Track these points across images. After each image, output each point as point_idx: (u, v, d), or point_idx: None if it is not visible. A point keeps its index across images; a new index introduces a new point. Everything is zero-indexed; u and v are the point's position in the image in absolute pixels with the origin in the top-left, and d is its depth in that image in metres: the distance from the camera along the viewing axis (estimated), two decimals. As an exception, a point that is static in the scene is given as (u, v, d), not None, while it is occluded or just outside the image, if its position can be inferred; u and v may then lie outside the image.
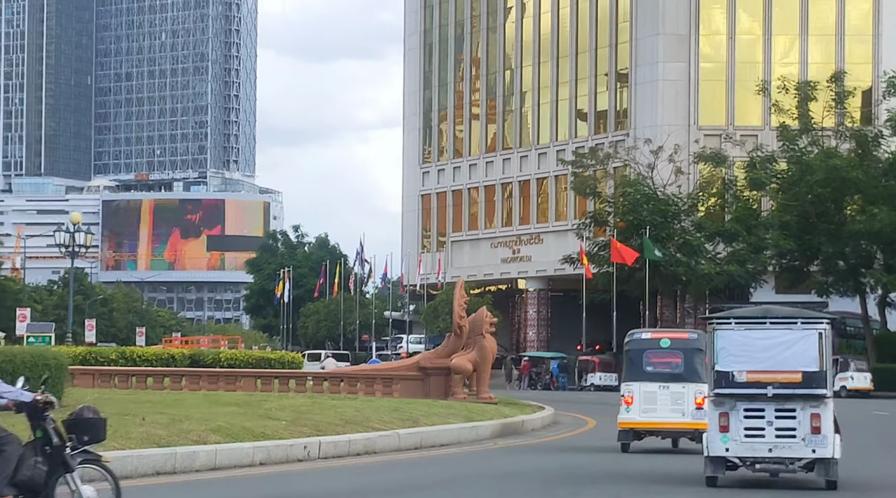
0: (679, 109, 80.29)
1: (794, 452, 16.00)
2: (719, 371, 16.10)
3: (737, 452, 16.10)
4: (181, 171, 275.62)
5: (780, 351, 16.05)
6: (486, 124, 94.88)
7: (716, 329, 16.37)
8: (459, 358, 30.85)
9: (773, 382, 15.90)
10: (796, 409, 15.98)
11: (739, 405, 16.05)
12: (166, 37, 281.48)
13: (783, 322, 16.29)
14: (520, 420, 27.23)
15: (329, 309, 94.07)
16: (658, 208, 71.19)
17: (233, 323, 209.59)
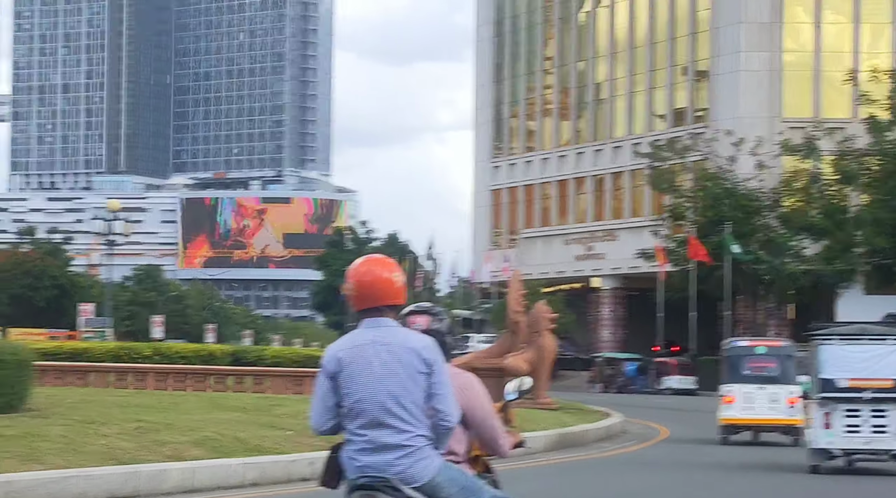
0: (761, 101, 76.43)
1: (885, 444, 19.35)
2: (824, 379, 19.45)
3: (838, 445, 19.50)
4: (258, 169, 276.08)
5: (874, 362, 19.36)
6: (558, 117, 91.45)
7: (820, 344, 19.73)
8: (514, 358, 27.70)
9: (870, 388, 19.25)
10: (888, 409, 19.28)
11: (841, 406, 19.41)
12: (244, 36, 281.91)
13: (877, 338, 19.82)
14: (581, 430, 24.02)
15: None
16: (739, 203, 67.44)
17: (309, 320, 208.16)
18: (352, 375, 6.06)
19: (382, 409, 6.02)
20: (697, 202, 69.94)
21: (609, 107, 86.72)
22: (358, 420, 6.04)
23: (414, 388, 6.06)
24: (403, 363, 6.04)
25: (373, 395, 6.04)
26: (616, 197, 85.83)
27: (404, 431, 6.03)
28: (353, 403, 6.06)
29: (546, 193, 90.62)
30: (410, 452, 6.03)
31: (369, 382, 6.03)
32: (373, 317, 6.10)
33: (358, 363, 6.06)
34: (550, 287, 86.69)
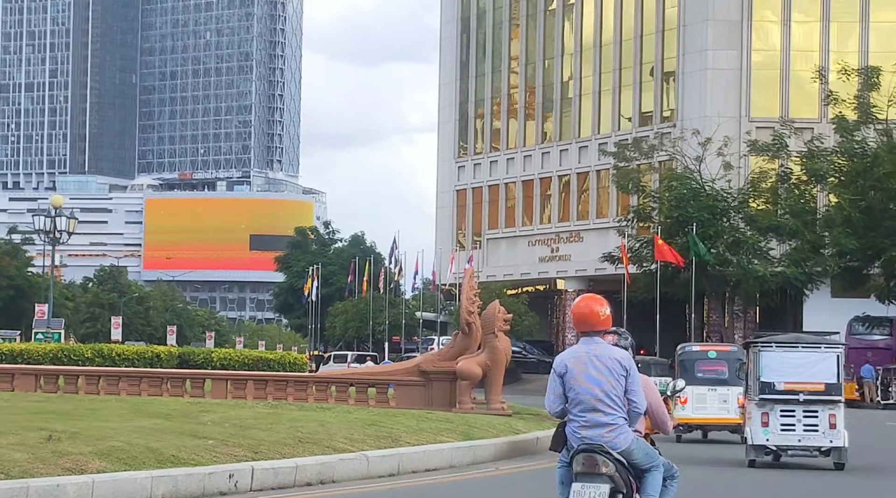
0: (729, 100, 75.30)
1: (816, 441, 21.25)
2: (763, 381, 21.36)
3: (775, 441, 21.40)
4: (224, 170, 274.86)
5: (808, 368, 21.28)
6: (524, 117, 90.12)
7: (761, 351, 21.57)
8: (467, 360, 26.21)
9: (803, 390, 21.24)
10: (818, 410, 21.21)
11: (777, 407, 21.31)
12: (211, 35, 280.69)
13: (811, 346, 21.76)
14: (534, 437, 22.57)
15: (358, 308, 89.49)
16: (706, 204, 66.20)
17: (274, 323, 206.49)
18: (574, 376, 9.11)
19: (595, 399, 9.06)
20: (663, 203, 68.72)
21: (575, 106, 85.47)
22: (579, 406, 9.11)
23: (616, 385, 9.11)
24: (609, 368, 9.08)
25: (589, 389, 9.08)
26: (582, 198, 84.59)
27: (610, 414, 9.05)
28: (575, 395, 9.14)
29: (511, 194, 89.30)
30: (614, 429, 9.04)
31: (586, 381, 9.08)
32: (588, 336, 9.20)
33: (578, 368, 9.12)
34: (515, 289, 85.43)
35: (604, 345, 9.26)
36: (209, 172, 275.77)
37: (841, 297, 68.63)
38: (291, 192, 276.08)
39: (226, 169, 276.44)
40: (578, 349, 9.27)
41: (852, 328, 65.43)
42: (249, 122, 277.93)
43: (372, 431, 18.66)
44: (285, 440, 16.40)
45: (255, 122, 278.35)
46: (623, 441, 9.08)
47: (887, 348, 64.03)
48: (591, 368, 9.10)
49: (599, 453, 8.99)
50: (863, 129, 61.82)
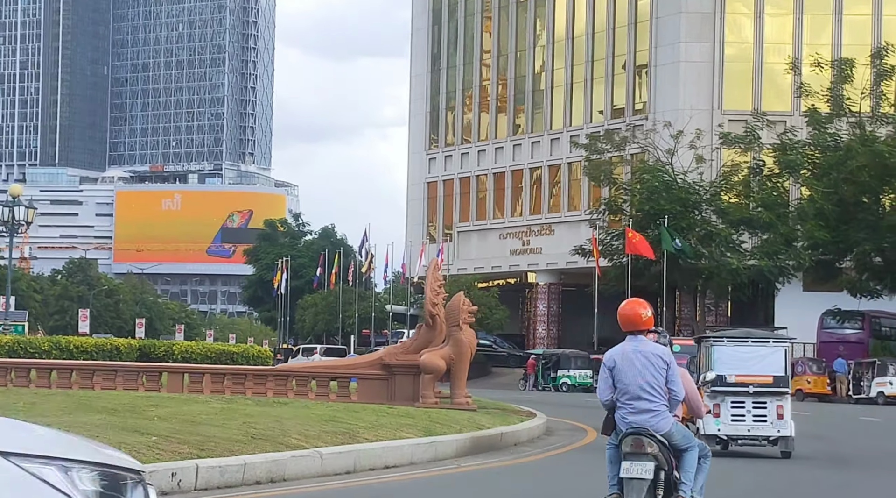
0: (702, 93, 74.88)
1: (764, 431, 22.24)
2: (716, 374, 22.00)
3: (725, 431, 22.42)
4: (196, 163, 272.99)
5: (757, 361, 22.34)
6: (495, 109, 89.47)
7: (713, 345, 22.66)
8: (430, 354, 25.45)
9: (753, 383, 22.23)
10: (767, 402, 22.24)
11: (729, 398, 22.32)
12: (183, 27, 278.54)
13: (760, 341, 22.92)
14: (498, 433, 21.87)
15: (327, 301, 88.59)
16: (678, 197, 65.67)
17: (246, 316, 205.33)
18: (622, 369, 10.23)
19: (641, 389, 10.18)
20: (635, 195, 68.19)
21: (547, 98, 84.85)
22: (626, 395, 10.22)
23: (658, 377, 10.23)
24: (652, 362, 10.18)
25: (634, 380, 10.21)
26: (553, 191, 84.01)
27: (653, 402, 10.18)
28: (623, 386, 10.24)
29: (482, 186, 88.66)
30: (657, 414, 10.16)
31: (632, 374, 10.20)
32: (633, 335, 10.34)
33: (625, 362, 10.22)
34: (486, 282, 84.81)
35: (647, 342, 10.51)
36: (181, 165, 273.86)
37: (813, 290, 68.24)
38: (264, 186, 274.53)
39: (198, 161, 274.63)
40: (625, 346, 10.48)
41: (824, 322, 65.08)
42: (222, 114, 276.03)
43: (329, 427, 17.93)
44: (236, 437, 15.65)
45: (227, 115, 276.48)
46: (665, 425, 10.35)
47: (859, 342, 63.66)
48: (637, 363, 10.33)
49: (645, 436, 10.25)
50: (836, 121, 61.38)
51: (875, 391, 54.14)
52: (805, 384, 57.39)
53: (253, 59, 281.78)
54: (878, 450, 24.87)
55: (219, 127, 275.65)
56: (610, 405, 10.47)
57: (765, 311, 76.16)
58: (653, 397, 10.27)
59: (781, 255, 63.12)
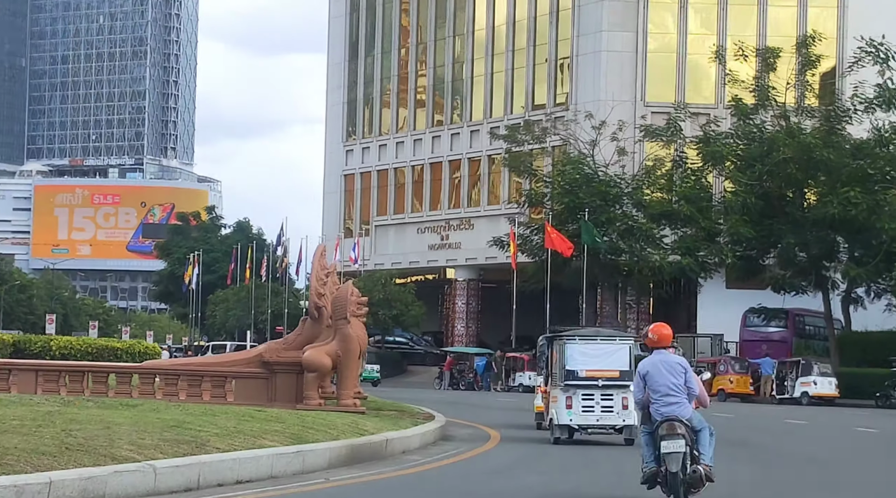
0: (624, 84, 72.83)
1: (611, 421, 24.23)
2: (568, 369, 24.24)
3: (577, 421, 24.27)
4: (117, 157, 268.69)
5: (605, 357, 24.34)
6: (414, 100, 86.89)
7: (566, 343, 24.53)
8: (314, 350, 22.88)
9: (601, 377, 24.20)
10: (613, 394, 24.15)
11: (580, 391, 24.14)
12: (104, 19, 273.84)
13: (608, 338, 25.31)
14: (382, 439, 19.33)
15: (239, 297, 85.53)
16: (598, 190, 63.56)
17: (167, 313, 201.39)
18: (653, 375, 14.01)
19: (668, 388, 13.92)
20: (555, 187, 66.01)
21: (467, 89, 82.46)
22: (658, 393, 13.93)
23: (679, 379, 13.97)
24: (674, 369, 14.03)
25: (664, 383, 13.94)
26: (472, 183, 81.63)
27: (678, 397, 13.92)
28: (657, 387, 13.95)
29: (400, 179, 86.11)
30: (681, 405, 13.88)
31: (661, 378, 13.95)
32: (659, 350, 14.17)
33: (655, 370, 14.03)
34: (404, 278, 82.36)
35: (668, 354, 14.13)
36: (101, 159, 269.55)
37: (736, 288, 66.50)
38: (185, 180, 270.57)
39: (118, 155, 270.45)
40: (654, 358, 14.12)
41: (747, 320, 63.31)
42: (143, 108, 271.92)
43: (172, 435, 15.31)
44: (45, 448, 13.00)
45: (148, 109, 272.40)
46: (687, 413, 13.83)
47: (783, 341, 61.94)
48: (664, 369, 13.91)
49: (676, 421, 13.64)
50: (761, 112, 59.51)
51: (799, 391, 52.28)
52: (727, 384, 55.53)
53: (175, 53, 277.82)
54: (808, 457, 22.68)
55: (140, 121, 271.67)
56: (643, 403, 14.13)
57: (687, 309, 74.35)
58: (677, 394, 13.91)
59: (703, 250, 61.13)
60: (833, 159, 54.42)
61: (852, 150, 56.05)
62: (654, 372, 13.99)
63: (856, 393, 53.38)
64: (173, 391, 23.42)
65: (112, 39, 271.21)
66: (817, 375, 52.15)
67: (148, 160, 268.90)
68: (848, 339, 59.62)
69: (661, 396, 13.91)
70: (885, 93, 53.90)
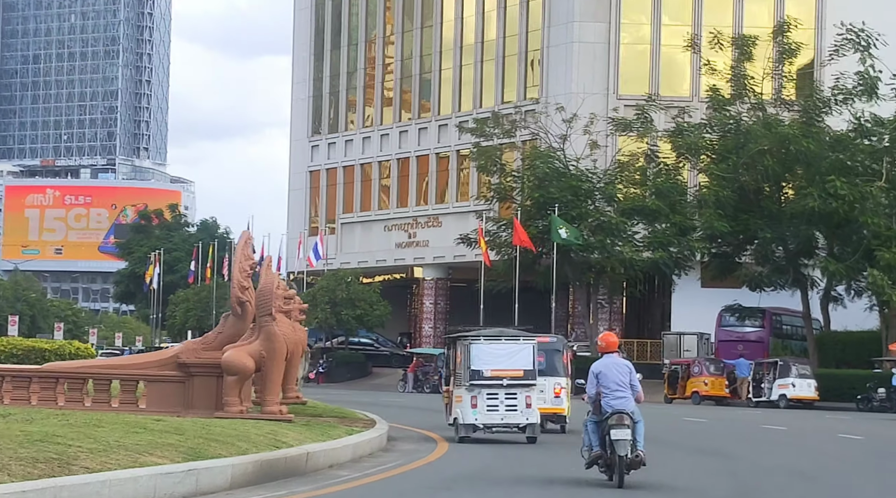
0: (596, 76, 70.46)
1: (515, 419, 24.86)
2: (473, 369, 24.71)
3: (482, 420, 24.76)
4: (89, 157, 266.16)
5: (509, 357, 24.91)
6: (381, 93, 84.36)
7: (471, 343, 24.98)
8: (235, 350, 20.39)
9: (506, 377, 24.78)
10: (517, 393, 24.77)
11: (485, 391, 24.69)
12: (76, 18, 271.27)
13: (512, 338, 25.79)
14: (302, 452, 16.83)
15: (200, 296, 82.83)
16: (569, 184, 61.17)
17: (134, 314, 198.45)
18: (606, 374, 16.77)
19: (617, 385, 16.59)
20: (525, 182, 63.61)
21: (435, 82, 80.00)
22: (607, 390, 16.58)
23: (626, 378, 16.82)
24: (622, 369, 16.86)
25: (614, 380, 16.63)
26: (441, 179, 79.15)
27: (625, 393, 16.58)
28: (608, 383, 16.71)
29: (367, 175, 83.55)
30: (627, 400, 16.51)
31: (612, 377, 16.70)
32: (608, 353, 17.09)
33: (606, 370, 16.81)
34: (369, 278, 79.89)
35: (617, 357, 17.25)
36: (73, 159, 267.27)
37: (711, 286, 64.26)
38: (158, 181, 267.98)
39: (90, 156, 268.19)
40: (605, 360, 17.16)
41: (723, 319, 61.10)
42: (115, 108, 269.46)
43: (31, 452, 12.82)
44: None
45: (121, 109, 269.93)
46: (631, 406, 16.74)
47: (759, 341, 59.72)
48: (614, 370, 16.95)
49: (624, 413, 16.52)
50: (737, 104, 57.24)
51: (777, 394, 49.99)
52: (702, 386, 53.24)
53: (148, 52, 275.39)
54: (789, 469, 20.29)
55: (112, 121, 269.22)
56: (594, 397, 16.77)
57: (661, 308, 72.12)
58: (624, 390, 16.62)
59: (674, 246, 58.72)
60: (812, 151, 52.13)
61: (832, 143, 53.82)
62: (605, 371, 16.90)
63: (836, 395, 51.24)
64: (78, 397, 20.90)
65: (84, 38, 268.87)
66: (796, 377, 49.89)
67: (120, 161, 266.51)
68: (827, 339, 57.42)
69: (611, 392, 16.71)
70: (866, 80, 51.66)
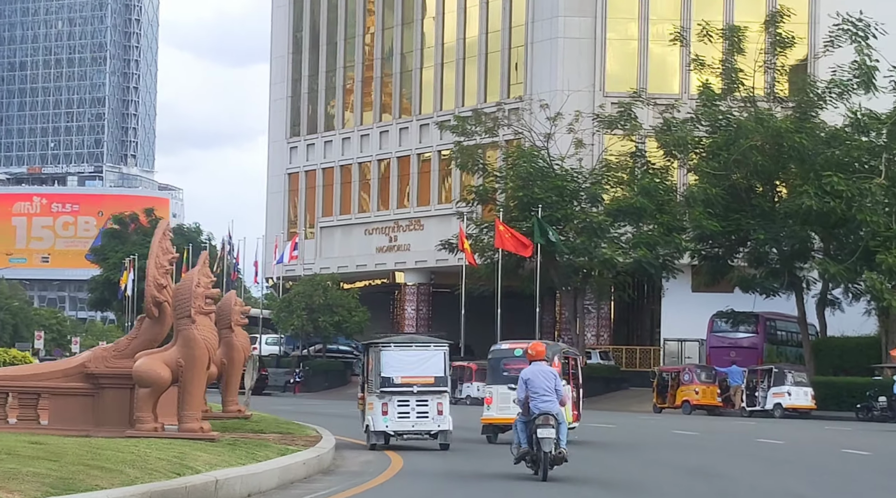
0: (582, 72, 67.84)
1: (427, 426, 24.93)
2: (384, 376, 24.77)
3: (393, 427, 24.88)
4: (76, 165, 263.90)
5: (420, 364, 25.02)
6: (361, 92, 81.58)
7: (381, 350, 25.05)
8: (148, 358, 17.66)
9: (416, 383, 24.87)
10: (428, 400, 24.83)
11: (395, 398, 24.80)
12: (63, 25, 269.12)
13: (423, 345, 25.70)
14: (208, 480, 14.05)
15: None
16: (554, 184, 58.46)
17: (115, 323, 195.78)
18: (533, 380, 18.71)
19: (544, 390, 18.49)
20: (507, 182, 60.91)
21: (416, 80, 77.33)
22: (536, 394, 18.57)
23: (552, 383, 18.73)
24: (548, 376, 18.84)
25: (541, 386, 18.63)
26: (422, 181, 76.40)
27: (551, 397, 18.58)
28: (535, 388, 18.63)
29: (346, 178, 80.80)
30: (553, 403, 18.53)
31: (539, 382, 18.65)
32: (537, 362, 19.11)
33: (534, 376, 18.76)
34: (349, 284, 77.16)
35: (544, 365, 19.22)
36: (60, 167, 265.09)
37: (702, 291, 61.63)
38: (146, 188, 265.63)
39: (77, 163, 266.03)
40: (534, 368, 18.94)
41: (714, 325, 58.43)
42: (103, 115, 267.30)
43: None
44: None
45: (108, 116, 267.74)
46: (556, 408, 18.49)
47: (753, 347, 57.03)
48: (541, 376, 18.71)
49: (550, 415, 18.24)
50: (728, 99, 54.58)
51: (772, 403, 47.31)
52: (692, 395, 50.59)
53: (136, 59, 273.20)
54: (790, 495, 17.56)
55: (100, 128, 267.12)
56: (524, 401, 18.64)
57: (651, 314, 69.49)
58: (550, 394, 18.60)
59: (661, 247, 55.98)
60: (806, 146, 49.44)
61: (827, 138, 51.12)
62: (533, 378, 18.65)
63: (833, 404, 48.65)
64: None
65: (71, 45, 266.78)
66: (791, 385, 47.23)
67: (108, 168, 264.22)
68: (824, 345, 54.76)
69: (539, 396, 18.43)
70: (863, 71, 49.02)
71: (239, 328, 23.71)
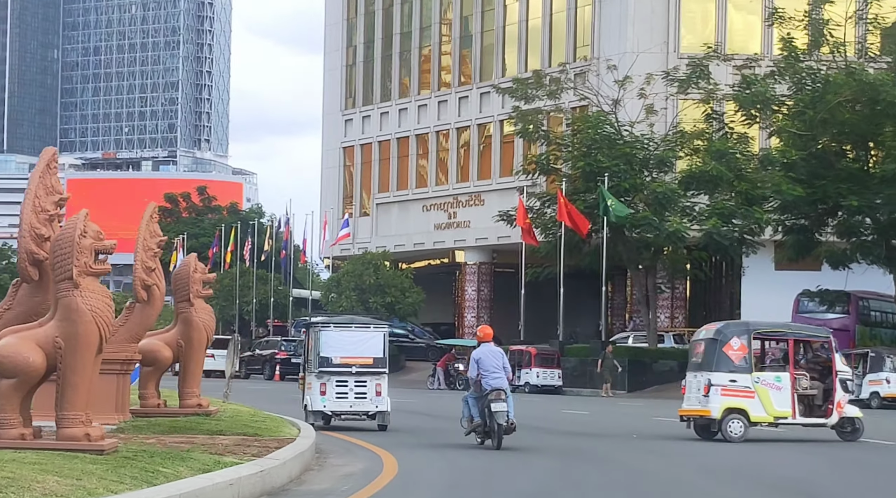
0: (655, 31, 62.42)
1: (365, 407, 25.17)
2: (322, 356, 25.06)
3: (331, 407, 25.11)
4: (150, 149, 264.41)
5: (359, 344, 25.25)
6: (419, 59, 76.61)
7: (321, 330, 25.40)
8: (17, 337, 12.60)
9: (355, 364, 25.02)
10: (367, 380, 25.01)
11: (333, 378, 25.01)
12: (136, 9, 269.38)
13: (363, 326, 26.08)
14: None
15: (223, 283, 75.47)
16: (622, 152, 53.19)
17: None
18: (483, 360, 21.11)
19: (494, 368, 21.01)
20: (571, 150, 55.74)
21: (476, 45, 72.24)
22: (486, 372, 21.01)
23: (500, 362, 21.19)
24: (497, 355, 21.31)
25: (492, 364, 21.06)
26: (483, 153, 71.35)
27: (500, 374, 21.04)
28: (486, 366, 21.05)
29: (403, 151, 75.95)
30: (503, 379, 21.02)
31: (490, 362, 21.04)
32: (486, 343, 21.52)
33: (485, 356, 21.18)
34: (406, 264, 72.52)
35: (492, 346, 21.33)
36: (134, 152, 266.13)
37: (786, 269, 56.12)
38: (220, 173, 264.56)
39: (151, 148, 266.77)
40: (483, 349, 21.16)
41: (801, 305, 52.81)
42: (176, 99, 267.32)
43: None
44: None
45: (181, 100, 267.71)
46: (505, 384, 20.82)
47: (844, 329, 51.32)
48: (491, 356, 20.89)
49: (501, 390, 20.45)
50: (815, 55, 49.03)
51: (868, 391, 41.85)
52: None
53: (209, 43, 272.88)
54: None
55: (173, 112, 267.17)
56: (476, 378, 20.82)
57: (730, 294, 63.99)
58: (500, 372, 20.79)
59: (738, 218, 50.46)
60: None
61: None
62: (484, 358, 21.11)
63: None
64: None
65: (145, 30, 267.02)
66: (890, 371, 41.76)
67: (181, 152, 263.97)
68: (923, 327, 49.21)
69: (490, 373, 20.94)
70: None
71: (200, 301, 19.14)
